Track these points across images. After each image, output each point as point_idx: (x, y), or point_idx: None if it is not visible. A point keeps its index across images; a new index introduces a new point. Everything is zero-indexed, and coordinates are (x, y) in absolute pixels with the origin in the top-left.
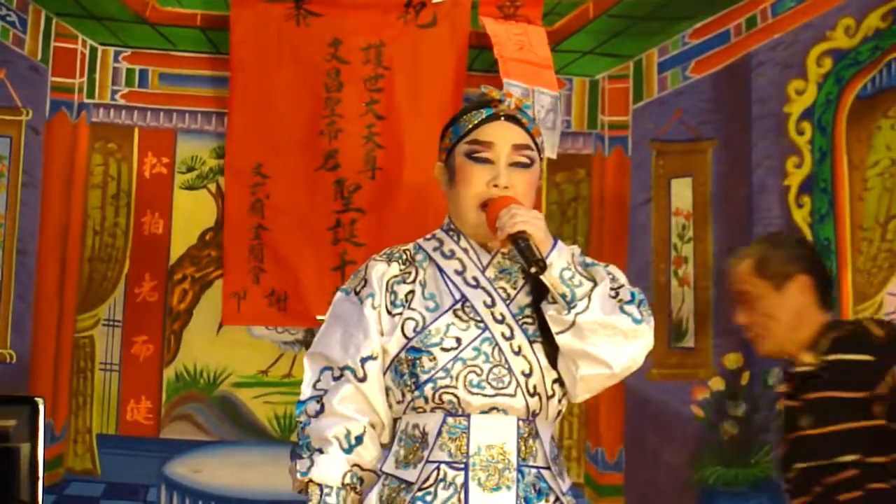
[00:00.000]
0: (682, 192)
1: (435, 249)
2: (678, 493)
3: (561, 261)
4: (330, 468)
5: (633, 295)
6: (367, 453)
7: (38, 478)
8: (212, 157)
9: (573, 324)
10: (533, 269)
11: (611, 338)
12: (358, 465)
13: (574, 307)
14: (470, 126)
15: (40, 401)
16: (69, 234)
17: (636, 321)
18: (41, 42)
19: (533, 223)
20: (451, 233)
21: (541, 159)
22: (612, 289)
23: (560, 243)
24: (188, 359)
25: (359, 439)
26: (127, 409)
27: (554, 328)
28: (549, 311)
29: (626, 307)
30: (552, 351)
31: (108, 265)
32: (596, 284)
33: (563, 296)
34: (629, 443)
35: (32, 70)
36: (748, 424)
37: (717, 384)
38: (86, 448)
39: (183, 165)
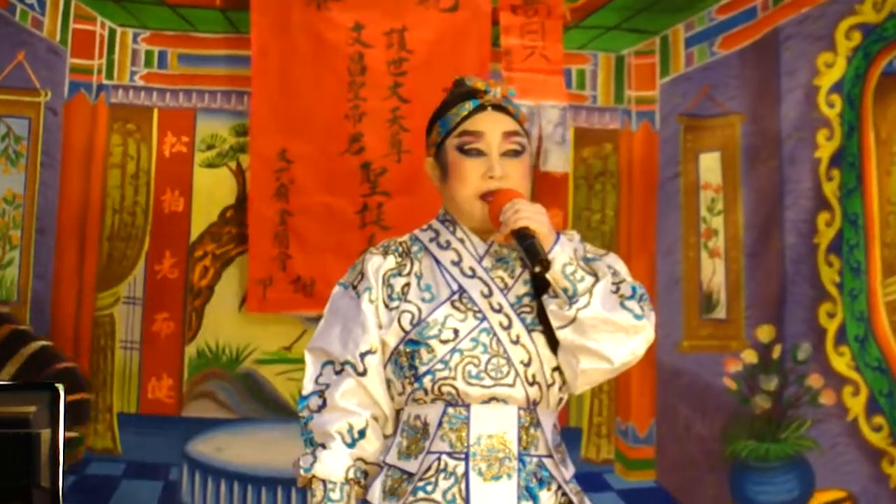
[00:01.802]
0: (710, 166)
1: (431, 240)
2: (710, 467)
3: (563, 256)
4: (333, 463)
5: (634, 289)
6: (371, 446)
7: (58, 464)
8: (231, 135)
9: (574, 319)
10: (537, 269)
11: (612, 333)
12: (361, 459)
13: (576, 302)
14: (458, 119)
15: (61, 387)
16: (88, 214)
17: (637, 317)
18: (60, 24)
19: (536, 219)
20: (446, 223)
21: (530, 143)
22: (613, 283)
23: (562, 238)
24: (210, 336)
25: (361, 433)
26: (148, 387)
27: (555, 323)
28: (551, 306)
29: (628, 303)
30: (552, 339)
31: (127, 243)
32: (597, 279)
33: (565, 290)
34: (661, 416)
35: (51, 52)
36: (779, 399)
37: (750, 357)
38: (106, 427)
39: (203, 144)
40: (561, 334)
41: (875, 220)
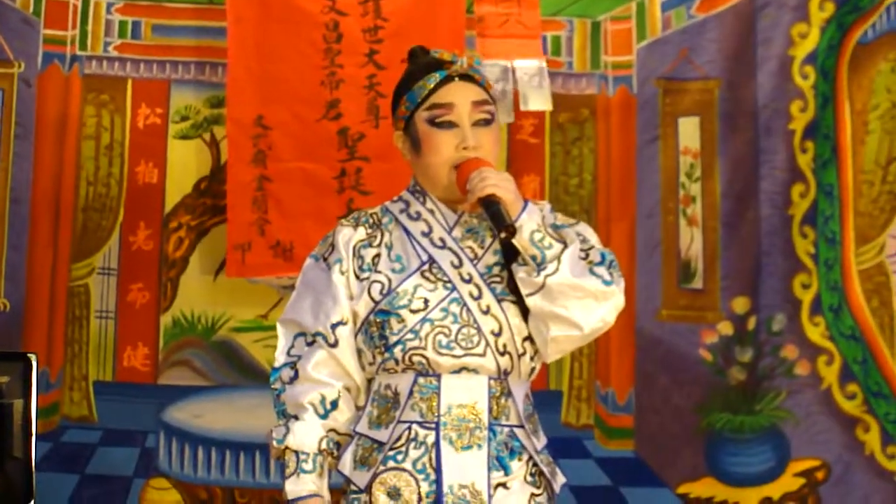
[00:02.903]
0: (689, 131)
1: (401, 211)
2: (687, 439)
3: (531, 223)
4: (306, 435)
5: (603, 256)
6: (343, 417)
7: (31, 434)
8: (206, 107)
9: (543, 286)
10: (503, 235)
11: (581, 300)
12: (334, 430)
13: (544, 269)
14: (425, 92)
15: (33, 357)
16: (62, 184)
17: (606, 283)
18: None
19: (503, 186)
20: (416, 194)
21: (497, 110)
22: (582, 250)
23: (530, 205)
24: (185, 305)
25: (334, 404)
26: (124, 356)
27: (524, 290)
28: (520, 274)
29: (596, 269)
30: (523, 309)
31: (101, 214)
32: (566, 246)
33: (534, 258)
34: (639, 385)
35: (24, 22)
36: (754, 371)
37: (726, 328)
38: (82, 395)
39: (177, 115)
40: (530, 301)
41: (849, 189)
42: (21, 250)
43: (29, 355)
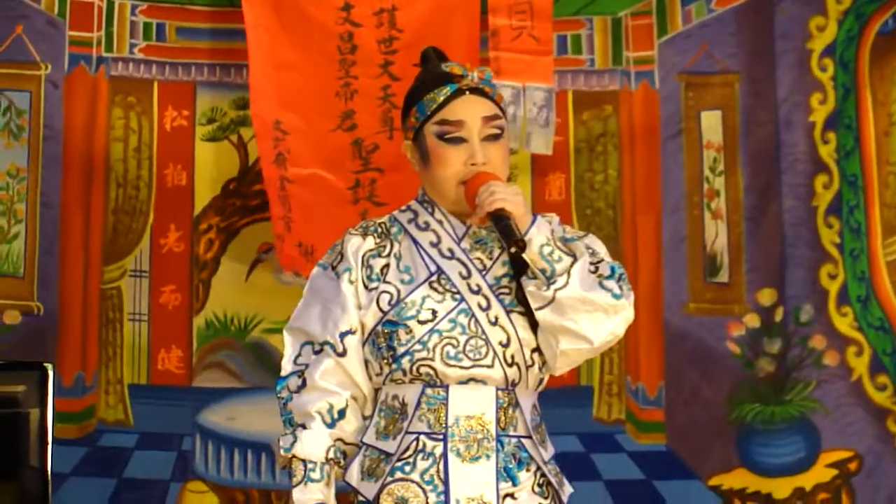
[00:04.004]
0: (712, 125)
1: (410, 221)
2: (717, 432)
3: (540, 237)
4: (313, 443)
5: (612, 269)
6: (350, 427)
7: (47, 443)
8: (232, 109)
9: (553, 299)
10: (513, 249)
11: (591, 313)
12: (341, 440)
13: (554, 283)
14: (435, 105)
15: (49, 366)
16: (92, 187)
17: (616, 296)
18: None
19: (512, 200)
20: (425, 204)
21: (507, 123)
22: (591, 263)
23: (539, 219)
24: (217, 307)
25: (341, 413)
26: (158, 358)
27: (533, 304)
28: (529, 287)
29: (606, 282)
30: (532, 320)
31: (132, 217)
32: (576, 260)
33: (543, 271)
34: (669, 379)
35: (50, 24)
36: (783, 361)
37: (753, 320)
38: (118, 399)
39: (203, 117)
40: (540, 315)
41: (874, 180)
42: (53, 254)
43: (45, 364)
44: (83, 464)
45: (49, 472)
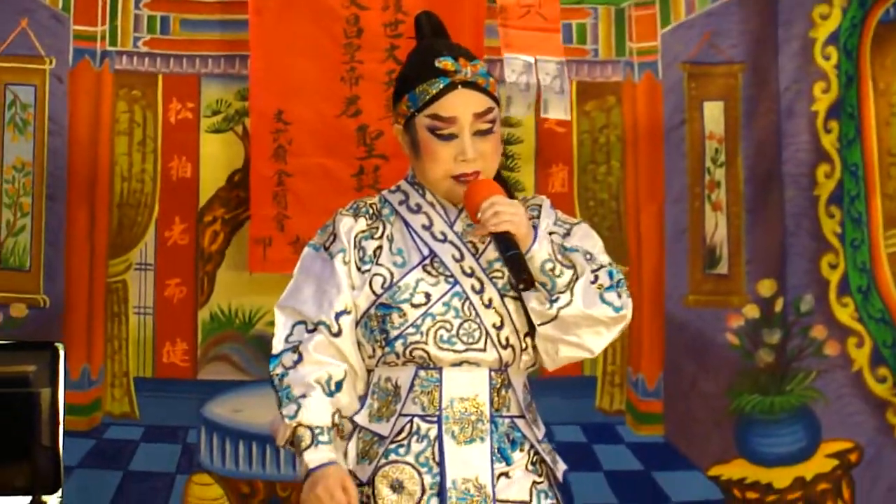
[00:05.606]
0: (714, 116)
1: (401, 203)
2: (716, 423)
3: (542, 253)
4: (318, 409)
5: (611, 275)
6: (345, 399)
7: (59, 423)
8: (237, 100)
9: (556, 317)
10: (521, 286)
11: (592, 327)
12: (339, 411)
13: (556, 300)
14: (427, 97)
15: (60, 346)
16: (97, 181)
17: (616, 309)
18: None
19: (515, 221)
20: (416, 186)
21: (499, 108)
22: (592, 273)
23: (540, 233)
24: (222, 300)
25: (339, 385)
26: (163, 351)
27: (536, 321)
28: (531, 303)
29: (607, 294)
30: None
31: (137, 210)
32: (576, 273)
33: (544, 285)
34: (668, 370)
35: (54, 19)
36: (783, 352)
37: (752, 311)
38: (123, 392)
39: (208, 109)
40: (541, 329)
41: (875, 170)
42: (58, 247)
43: (55, 344)
44: (89, 456)
45: (61, 452)
